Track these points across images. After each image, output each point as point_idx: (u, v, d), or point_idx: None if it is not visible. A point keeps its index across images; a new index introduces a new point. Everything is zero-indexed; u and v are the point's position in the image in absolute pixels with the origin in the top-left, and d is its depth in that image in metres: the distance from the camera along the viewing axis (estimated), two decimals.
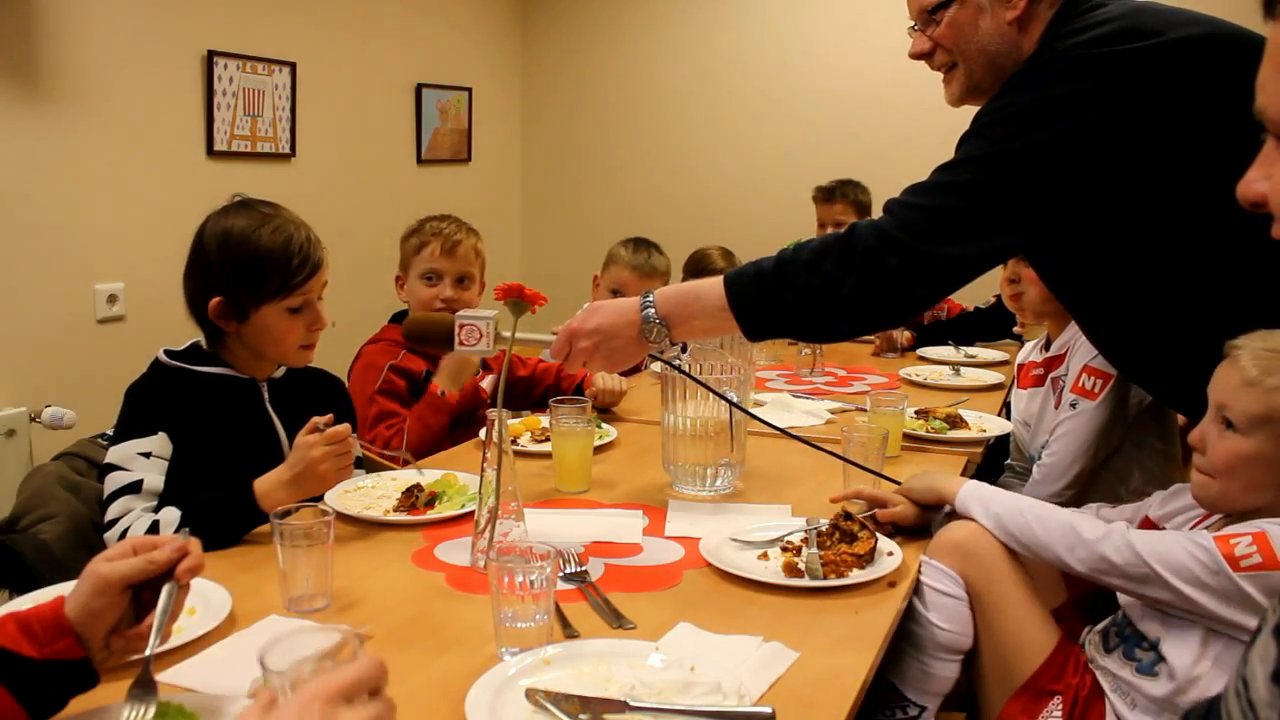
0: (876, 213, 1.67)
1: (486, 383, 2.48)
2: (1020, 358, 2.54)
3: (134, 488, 1.60)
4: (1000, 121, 1.56)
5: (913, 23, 1.73)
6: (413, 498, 1.75)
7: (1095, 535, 1.42)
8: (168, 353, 1.76)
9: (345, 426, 1.63)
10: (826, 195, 3.68)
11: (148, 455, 1.64)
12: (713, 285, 1.62)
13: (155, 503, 1.61)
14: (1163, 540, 1.38)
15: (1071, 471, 2.14)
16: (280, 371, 1.85)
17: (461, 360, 2.32)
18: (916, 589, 1.52)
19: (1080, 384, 2.15)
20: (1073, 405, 2.15)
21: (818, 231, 3.78)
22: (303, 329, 1.77)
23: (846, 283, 1.55)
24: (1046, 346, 2.41)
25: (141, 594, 1.05)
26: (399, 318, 2.47)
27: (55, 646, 0.98)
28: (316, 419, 1.62)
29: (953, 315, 3.44)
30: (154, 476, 1.63)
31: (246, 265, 1.71)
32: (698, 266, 3.28)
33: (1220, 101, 1.43)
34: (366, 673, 0.75)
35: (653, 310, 1.61)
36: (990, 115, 1.58)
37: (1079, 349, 2.21)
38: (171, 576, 1.05)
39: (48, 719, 0.99)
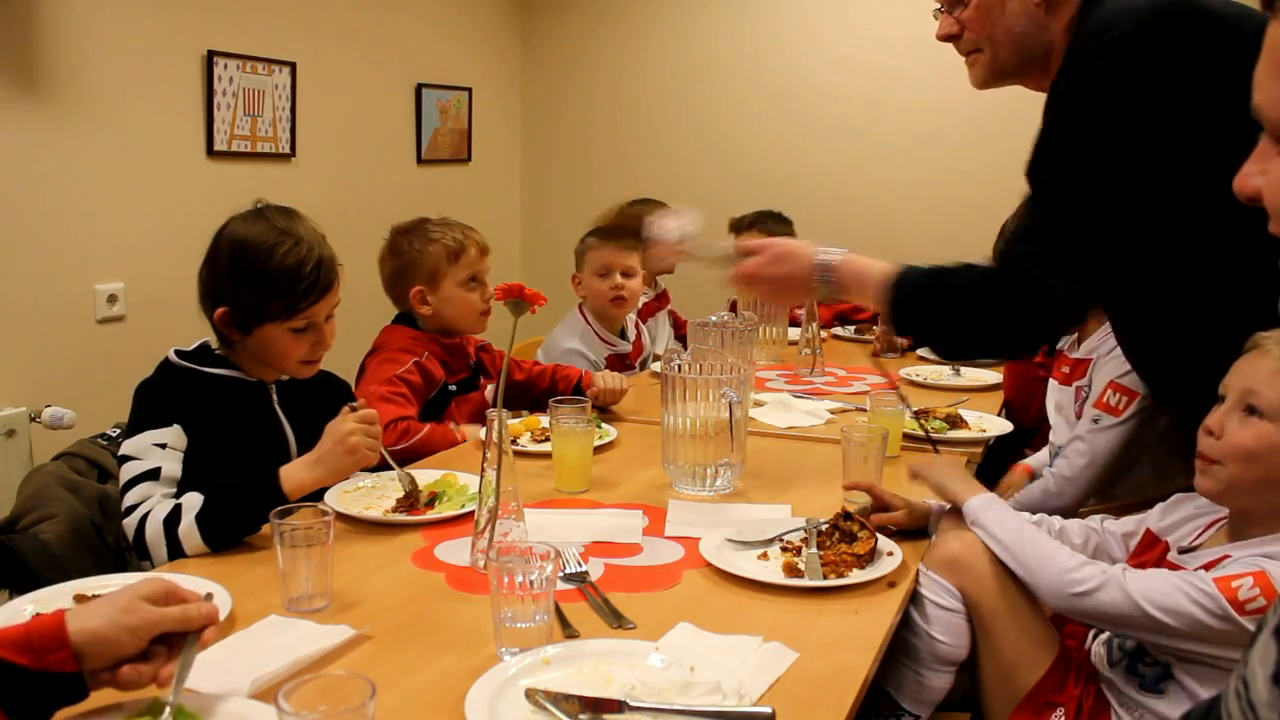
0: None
1: (488, 389, 2.48)
2: (1061, 343, 2.47)
3: (152, 474, 1.61)
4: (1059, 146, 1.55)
5: (939, 5, 1.72)
6: (411, 499, 1.75)
7: (1091, 585, 1.39)
8: (178, 353, 1.76)
9: (374, 412, 1.68)
10: (737, 226, 3.77)
11: (163, 446, 1.64)
12: (882, 276, 1.66)
13: (174, 489, 1.61)
14: (1162, 585, 1.36)
15: (1089, 488, 2.10)
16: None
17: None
18: (915, 599, 1.52)
19: (1105, 399, 2.11)
20: (1095, 420, 2.11)
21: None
22: (305, 348, 1.77)
23: (1005, 319, 1.59)
24: (1078, 343, 2.37)
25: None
26: (402, 319, 2.46)
27: (52, 658, 0.96)
28: (352, 404, 1.68)
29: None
30: (171, 465, 1.63)
31: (253, 283, 1.71)
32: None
33: (1240, 86, 1.40)
34: None
35: (831, 275, 1.69)
36: (1048, 140, 1.58)
37: (1106, 363, 2.16)
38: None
39: None
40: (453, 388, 2.40)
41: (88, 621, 0.99)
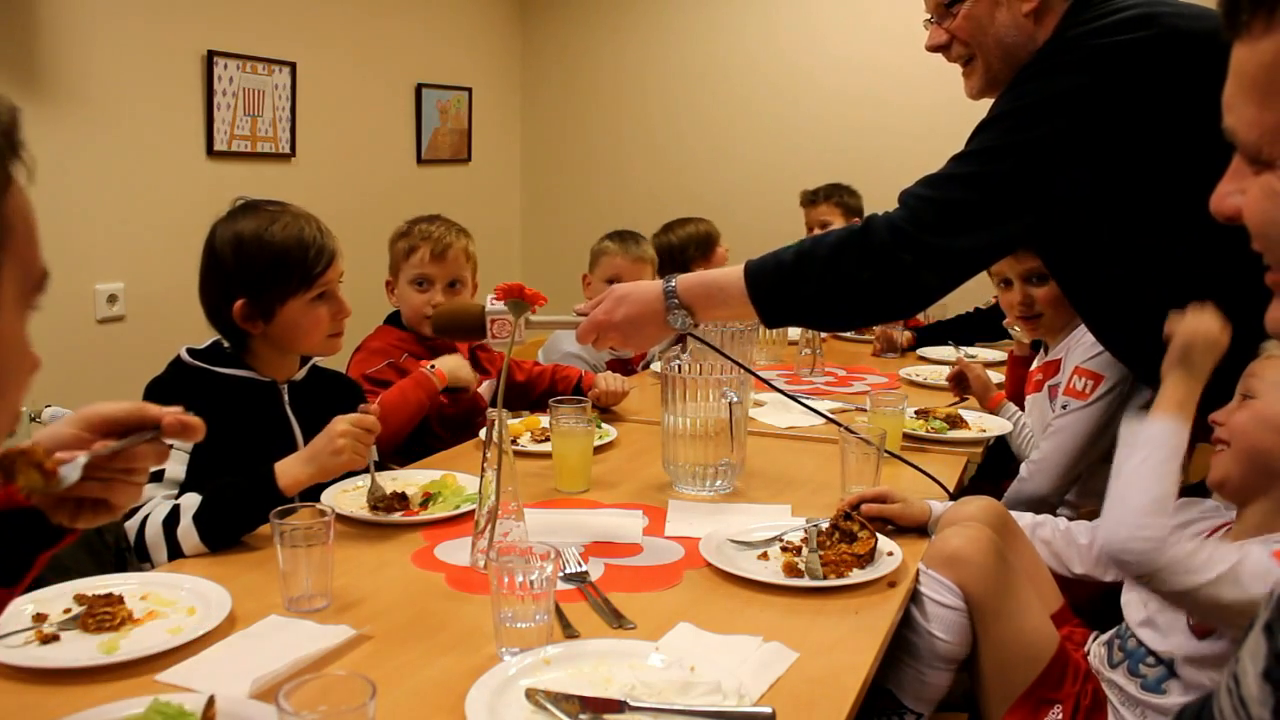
0: (868, 211, 1.70)
1: (484, 388, 2.48)
2: (1034, 365, 2.53)
3: (156, 476, 1.61)
4: (1008, 114, 1.58)
5: (929, 15, 1.73)
6: (375, 501, 1.73)
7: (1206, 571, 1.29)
8: (190, 351, 1.77)
9: (373, 420, 1.66)
10: (811, 198, 3.86)
11: (170, 446, 1.63)
12: (734, 275, 1.66)
13: (176, 491, 1.62)
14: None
15: (1057, 472, 2.11)
16: (301, 374, 1.85)
17: (463, 369, 2.30)
18: (915, 598, 1.52)
19: (1071, 385, 2.14)
20: (1064, 406, 2.14)
21: (806, 234, 3.82)
22: (329, 319, 1.79)
23: (862, 277, 1.59)
24: (1045, 352, 2.41)
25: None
26: (393, 319, 2.47)
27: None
28: (367, 405, 1.68)
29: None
30: (175, 466, 1.63)
31: (265, 264, 1.73)
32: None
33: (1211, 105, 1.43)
34: None
35: (677, 300, 1.66)
36: (1000, 107, 1.61)
37: (1073, 352, 2.19)
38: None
39: (19, 580, 0.95)
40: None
41: (35, 439, 0.92)
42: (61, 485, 0.88)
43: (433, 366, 2.27)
